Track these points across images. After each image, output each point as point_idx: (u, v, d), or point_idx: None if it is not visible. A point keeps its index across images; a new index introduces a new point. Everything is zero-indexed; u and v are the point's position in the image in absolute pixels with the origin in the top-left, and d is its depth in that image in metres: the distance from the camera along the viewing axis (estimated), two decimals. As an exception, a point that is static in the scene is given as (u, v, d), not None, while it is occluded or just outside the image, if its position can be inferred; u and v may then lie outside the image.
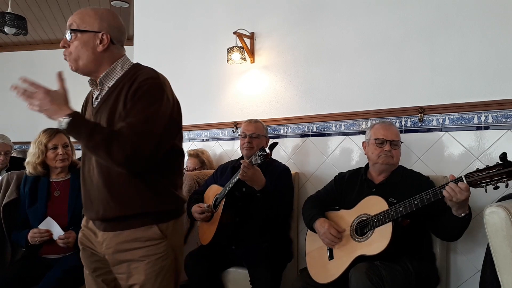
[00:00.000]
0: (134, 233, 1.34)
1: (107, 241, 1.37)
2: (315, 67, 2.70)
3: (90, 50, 1.36)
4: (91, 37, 1.36)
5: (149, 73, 1.35)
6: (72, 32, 1.36)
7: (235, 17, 3.08)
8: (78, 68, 1.39)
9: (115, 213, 1.33)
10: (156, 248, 1.34)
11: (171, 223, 1.39)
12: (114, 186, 1.32)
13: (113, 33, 1.39)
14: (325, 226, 1.88)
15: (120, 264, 1.36)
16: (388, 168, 1.96)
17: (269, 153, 1.97)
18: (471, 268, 2.05)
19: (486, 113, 2.07)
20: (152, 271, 1.33)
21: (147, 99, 1.29)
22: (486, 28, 2.08)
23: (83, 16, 1.37)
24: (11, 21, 3.43)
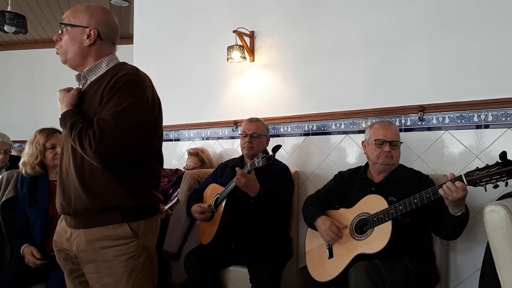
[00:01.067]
0: (104, 231, 1.33)
1: (77, 239, 1.36)
2: (315, 66, 2.70)
3: (77, 44, 1.40)
4: (79, 31, 1.40)
5: (129, 69, 1.37)
6: (62, 26, 1.42)
7: (235, 15, 3.08)
8: (66, 61, 1.45)
9: (84, 205, 1.32)
10: (126, 248, 1.33)
11: (142, 222, 1.37)
12: (86, 177, 1.33)
13: (101, 29, 1.41)
14: (326, 224, 1.88)
15: (90, 263, 1.35)
16: (387, 168, 1.96)
17: (272, 156, 1.97)
18: (471, 267, 2.05)
19: (486, 112, 2.06)
20: (124, 271, 1.32)
21: (123, 93, 1.30)
22: (486, 26, 2.07)
23: (75, 11, 1.42)
24: (11, 20, 3.42)
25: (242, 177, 2.06)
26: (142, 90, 1.34)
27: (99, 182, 1.32)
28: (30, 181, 2.19)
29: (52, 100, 1.54)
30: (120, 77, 1.32)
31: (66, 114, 1.36)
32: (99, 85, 1.36)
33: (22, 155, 2.24)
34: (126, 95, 1.29)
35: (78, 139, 1.27)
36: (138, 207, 1.37)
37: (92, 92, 1.37)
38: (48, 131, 2.22)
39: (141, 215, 1.38)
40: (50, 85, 6.06)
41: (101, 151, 1.24)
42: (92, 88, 1.39)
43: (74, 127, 1.30)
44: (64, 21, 1.42)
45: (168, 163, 3.57)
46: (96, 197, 1.32)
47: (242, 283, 2.18)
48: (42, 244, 2.11)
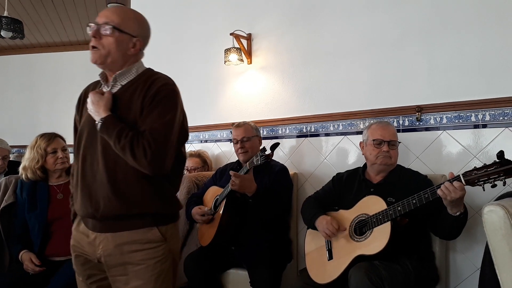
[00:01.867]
0: (134, 235, 1.32)
1: (104, 243, 1.34)
2: (312, 67, 2.70)
3: (123, 50, 1.39)
4: (126, 39, 1.39)
5: (165, 79, 1.41)
6: (111, 29, 1.36)
7: (232, 18, 3.08)
8: (103, 63, 1.39)
9: (116, 211, 1.31)
10: (155, 252, 1.34)
11: (170, 226, 1.39)
12: (119, 183, 1.32)
13: (144, 42, 1.46)
14: (326, 218, 1.88)
15: (117, 267, 1.34)
16: (386, 168, 1.96)
17: (270, 154, 1.98)
18: (471, 267, 2.05)
19: (483, 111, 2.07)
20: (152, 275, 1.33)
21: (166, 105, 1.34)
22: (483, 26, 2.08)
23: (125, 18, 1.40)
24: (7, 25, 3.42)
25: (236, 178, 2.06)
26: (180, 100, 1.41)
27: (134, 189, 1.33)
28: (30, 186, 2.19)
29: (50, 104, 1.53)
30: (161, 87, 1.35)
31: (107, 120, 1.32)
32: (133, 90, 1.37)
33: (23, 160, 2.24)
34: (170, 107, 1.35)
35: (129, 147, 1.26)
36: (168, 212, 1.40)
37: (128, 97, 1.37)
38: (49, 135, 2.23)
39: (169, 220, 1.40)
40: (48, 89, 6.06)
41: (156, 160, 1.27)
42: (126, 93, 1.39)
43: (122, 135, 1.28)
44: (113, 24, 1.36)
45: (166, 166, 3.56)
46: (130, 204, 1.32)
47: (242, 286, 2.17)
48: (40, 249, 2.11)
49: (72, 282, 1.93)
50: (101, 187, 1.33)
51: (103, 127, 1.32)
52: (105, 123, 1.32)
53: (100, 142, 1.35)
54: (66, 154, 2.24)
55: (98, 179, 1.34)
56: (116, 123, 1.31)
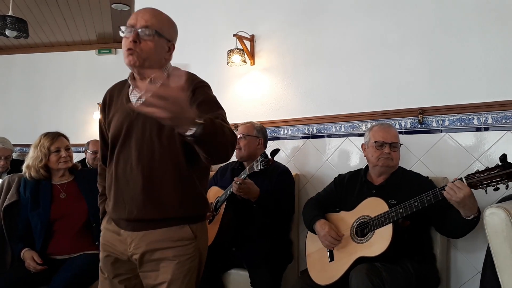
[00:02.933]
0: (166, 233, 1.34)
1: (137, 241, 1.35)
2: (315, 69, 2.71)
3: (161, 55, 1.40)
4: (164, 43, 1.40)
5: (196, 76, 1.46)
6: (153, 33, 1.34)
7: (235, 19, 3.09)
8: (141, 65, 1.35)
9: (150, 215, 1.33)
10: (186, 249, 1.35)
11: (200, 224, 1.42)
12: (155, 189, 1.33)
13: (174, 46, 1.48)
14: (325, 229, 1.88)
15: (148, 263, 1.35)
16: (387, 170, 1.96)
17: (270, 159, 1.98)
18: (472, 269, 2.05)
19: (485, 114, 2.07)
20: (181, 271, 1.34)
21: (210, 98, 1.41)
22: (485, 29, 2.08)
23: (164, 22, 1.40)
24: (12, 24, 3.44)
25: (239, 185, 2.06)
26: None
27: (168, 194, 1.33)
28: (33, 185, 2.20)
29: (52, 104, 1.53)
30: (198, 83, 1.42)
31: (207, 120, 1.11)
32: None
33: (26, 159, 2.26)
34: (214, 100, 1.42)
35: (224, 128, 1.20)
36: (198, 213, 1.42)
37: None
38: (53, 134, 2.25)
39: (199, 219, 1.42)
40: (51, 89, 6.09)
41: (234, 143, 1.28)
42: None
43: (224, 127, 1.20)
44: (154, 28, 1.34)
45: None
46: (165, 210, 1.34)
47: (243, 286, 2.17)
48: (43, 248, 2.11)
49: (74, 280, 1.95)
50: (135, 194, 1.33)
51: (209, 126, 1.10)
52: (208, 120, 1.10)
53: (135, 147, 1.34)
54: (69, 153, 2.25)
55: (131, 185, 1.34)
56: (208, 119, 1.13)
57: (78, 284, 1.96)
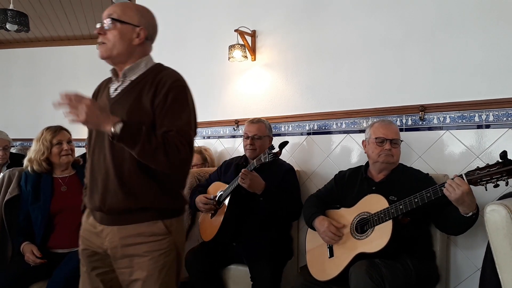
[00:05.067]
0: (139, 228, 1.35)
1: (111, 236, 1.37)
2: (316, 65, 2.70)
3: (127, 41, 1.40)
4: (129, 29, 1.40)
5: (175, 75, 1.41)
6: (112, 22, 1.38)
7: (237, 15, 3.08)
8: (110, 56, 1.40)
9: (121, 205, 1.34)
10: (159, 244, 1.35)
11: (174, 220, 1.41)
12: (125, 177, 1.34)
13: (149, 31, 1.45)
14: (324, 224, 1.88)
15: (123, 259, 1.37)
16: (388, 166, 1.96)
17: (278, 152, 1.98)
18: (471, 266, 2.05)
19: (487, 112, 2.06)
20: (155, 266, 1.34)
21: (182, 102, 1.36)
22: (487, 26, 2.07)
23: (124, 8, 1.41)
24: (13, 18, 3.43)
25: (246, 176, 2.07)
26: (190, 95, 1.42)
27: (140, 184, 1.34)
28: (34, 179, 2.21)
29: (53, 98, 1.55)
30: (172, 84, 1.36)
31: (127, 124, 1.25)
32: (142, 85, 1.38)
33: (28, 152, 2.27)
34: (185, 104, 1.37)
35: (163, 149, 1.25)
36: (173, 207, 1.42)
37: (137, 93, 1.37)
38: (55, 128, 2.27)
39: (174, 214, 1.42)
40: (51, 83, 6.07)
41: (187, 159, 1.32)
42: (135, 89, 1.39)
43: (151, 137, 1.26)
44: (113, 16, 1.38)
45: (169, 161, 3.57)
46: (135, 198, 1.34)
47: (242, 281, 2.18)
48: (43, 241, 2.12)
49: (75, 274, 1.94)
50: (108, 181, 1.35)
51: (126, 131, 1.24)
52: (127, 125, 1.24)
53: (108, 137, 1.35)
54: (71, 147, 2.27)
55: (105, 173, 1.37)
56: (135, 124, 1.27)
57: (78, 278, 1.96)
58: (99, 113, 1.24)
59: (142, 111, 1.34)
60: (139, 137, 1.24)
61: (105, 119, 1.24)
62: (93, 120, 1.24)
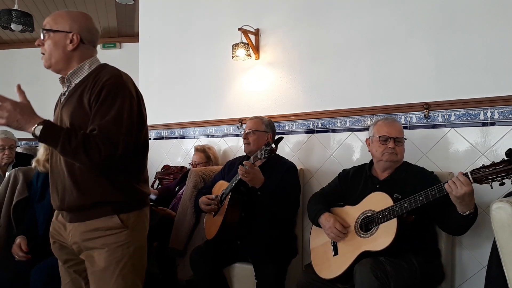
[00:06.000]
0: (96, 223, 1.42)
1: (73, 232, 1.45)
2: (320, 63, 2.70)
3: (61, 48, 1.46)
4: (62, 36, 1.46)
5: (111, 72, 1.43)
6: (45, 32, 1.46)
7: (240, 13, 3.08)
8: (50, 66, 1.49)
9: (77, 202, 1.41)
10: (116, 237, 1.42)
11: (132, 214, 1.46)
12: (77, 176, 1.41)
13: (83, 34, 1.48)
14: (330, 221, 1.88)
15: (84, 252, 1.45)
16: (392, 165, 1.96)
17: (274, 148, 1.98)
18: (477, 265, 2.04)
19: (492, 109, 2.05)
20: (113, 258, 1.41)
21: (112, 99, 1.37)
22: (491, 23, 2.06)
23: (56, 17, 1.48)
24: (17, 18, 3.45)
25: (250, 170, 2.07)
26: (128, 91, 1.42)
27: (90, 180, 1.40)
28: (44, 177, 2.24)
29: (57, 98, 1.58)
30: (105, 81, 1.39)
31: (47, 126, 1.32)
32: (83, 87, 1.42)
33: (37, 153, 2.31)
34: (115, 100, 1.37)
35: (83, 148, 1.29)
36: (127, 201, 1.46)
37: (78, 95, 1.42)
38: None
39: (131, 208, 1.46)
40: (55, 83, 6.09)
41: (109, 157, 1.32)
42: (77, 91, 1.44)
43: (71, 136, 1.30)
44: (46, 27, 1.47)
45: (173, 160, 3.58)
46: (87, 194, 1.40)
47: (247, 280, 2.19)
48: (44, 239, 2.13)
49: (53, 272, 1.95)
50: (64, 181, 1.43)
51: (46, 132, 1.30)
52: (47, 126, 1.31)
53: None
54: None
55: (61, 174, 1.45)
56: (57, 125, 1.35)
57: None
58: (20, 117, 1.31)
59: (83, 112, 1.39)
60: (58, 138, 1.30)
61: (26, 122, 1.31)
62: (14, 123, 1.32)
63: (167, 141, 3.66)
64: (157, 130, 3.73)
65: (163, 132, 3.70)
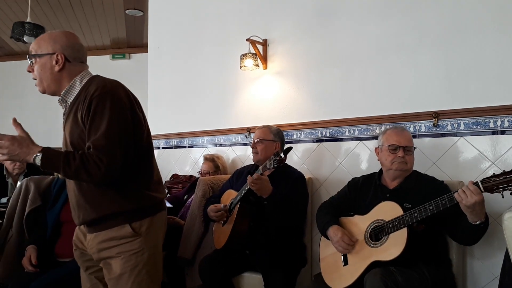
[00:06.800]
0: (110, 233, 1.47)
1: (91, 242, 1.52)
2: (327, 72, 2.71)
3: (49, 71, 1.49)
4: (47, 59, 1.49)
5: (97, 83, 1.45)
6: (31, 58, 1.50)
7: (248, 24, 3.12)
8: (44, 90, 1.52)
9: (91, 216, 1.47)
10: (130, 245, 1.46)
11: (145, 221, 1.49)
12: (86, 193, 1.46)
13: (67, 52, 1.50)
14: (338, 235, 1.87)
15: (101, 261, 1.51)
16: (402, 174, 1.95)
17: (283, 158, 1.98)
18: (488, 275, 2.02)
19: (502, 118, 2.04)
20: (128, 265, 1.44)
21: (101, 111, 1.37)
22: (501, 32, 2.06)
23: (39, 41, 1.51)
24: (30, 31, 3.52)
25: (257, 180, 2.07)
26: (116, 98, 1.41)
27: (98, 194, 1.45)
28: (61, 184, 2.28)
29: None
30: (92, 94, 1.40)
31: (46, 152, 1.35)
32: (77, 105, 1.45)
33: None
34: (104, 112, 1.37)
35: (83, 168, 1.33)
36: (138, 209, 1.48)
37: (73, 113, 1.45)
38: None
39: (143, 215, 1.49)
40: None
41: (110, 171, 1.35)
42: (72, 110, 1.47)
43: (70, 159, 1.34)
44: (31, 53, 1.50)
45: (182, 169, 3.60)
46: (97, 208, 1.46)
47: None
48: (50, 248, 2.15)
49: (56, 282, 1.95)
50: (78, 199, 1.49)
51: (45, 161, 1.34)
52: (45, 155, 1.35)
53: None
54: None
55: (72, 193, 1.51)
56: (55, 151, 1.37)
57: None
58: (19, 150, 1.35)
59: (79, 130, 1.42)
60: (58, 164, 1.34)
61: (26, 154, 1.35)
62: (14, 157, 1.37)
63: (176, 150, 3.68)
64: (166, 140, 3.76)
65: (172, 141, 3.73)
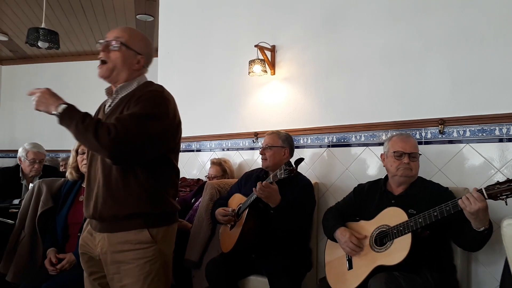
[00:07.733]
0: (126, 235, 1.44)
1: (101, 242, 1.48)
2: (335, 78, 2.73)
3: (127, 66, 1.52)
4: (132, 55, 1.52)
5: (155, 87, 1.51)
6: (119, 44, 1.49)
7: (257, 30, 3.16)
8: (108, 76, 1.53)
9: (110, 212, 1.43)
10: (145, 252, 1.44)
11: (162, 229, 1.49)
12: (112, 185, 1.44)
13: (147, 60, 1.58)
14: (346, 235, 1.90)
15: (112, 265, 1.47)
16: (407, 180, 1.97)
17: (294, 169, 2.00)
18: (492, 280, 2.02)
19: (508, 125, 2.05)
20: (141, 273, 1.43)
21: (146, 103, 1.42)
22: (507, 39, 2.07)
23: (133, 35, 1.54)
24: (44, 36, 3.60)
25: (265, 188, 2.09)
26: (165, 104, 1.46)
27: (124, 190, 1.43)
28: (70, 186, 2.33)
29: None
30: (147, 91, 1.46)
31: (70, 106, 1.39)
32: (128, 100, 1.48)
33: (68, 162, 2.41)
34: (149, 105, 1.41)
35: (93, 127, 1.31)
36: (158, 214, 1.48)
37: (123, 107, 1.48)
38: None
39: (161, 222, 1.49)
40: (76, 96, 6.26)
41: (117, 142, 1.31)
42: (122, 103, 1.50)
43: (87, 117, 1.36)
44: (121, 40, 1.50)
45: (189, 173, 3.65)
46: (121, 204, 1.43)
47: (262, 293, 2.20)
48: (61, 249, 2.18)
49: None
50: (99, 189, 1.46)
51: (67, 111, 1.37)
52: (69, 107, 1.38)
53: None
54: None
55: (97, 182, 1.48)
56: (75, 109, 1.39)
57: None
58: (49, 97, 1.40)
59: None
60: (74, 116, 1.35)
61: (53, 102, 1.39)
62: (42, 103, 1.40)
63: (184, 154, 3.73)
64: (175, 143, 3.79)
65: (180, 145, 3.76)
